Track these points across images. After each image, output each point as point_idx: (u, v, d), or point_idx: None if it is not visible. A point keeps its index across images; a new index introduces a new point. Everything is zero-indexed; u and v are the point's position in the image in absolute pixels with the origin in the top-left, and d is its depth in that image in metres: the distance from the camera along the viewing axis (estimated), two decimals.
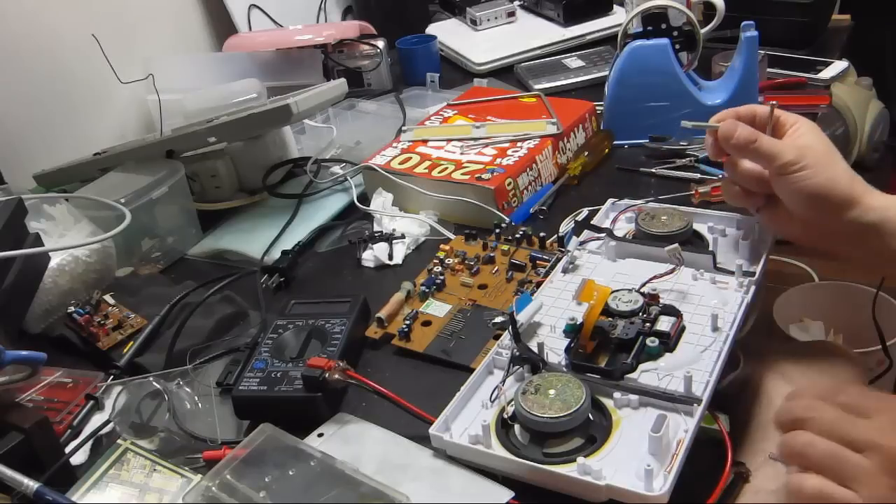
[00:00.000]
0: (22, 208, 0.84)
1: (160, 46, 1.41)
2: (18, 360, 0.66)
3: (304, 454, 0.65)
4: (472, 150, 1.05)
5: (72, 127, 1.26)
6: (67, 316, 0.87)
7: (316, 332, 0.78)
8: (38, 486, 0.63)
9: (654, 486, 0.57)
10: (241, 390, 0.73)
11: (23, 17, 1.19)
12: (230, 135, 1.05)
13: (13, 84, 1.17)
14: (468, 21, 1.57)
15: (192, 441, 0.72)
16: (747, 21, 1.04)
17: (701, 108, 1.07)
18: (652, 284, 0.76)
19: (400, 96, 1.31)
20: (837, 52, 1.33)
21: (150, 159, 1.04)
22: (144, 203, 0.96)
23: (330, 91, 1.10)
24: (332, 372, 0.70)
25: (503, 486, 0.62)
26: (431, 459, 0.66)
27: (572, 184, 1.04)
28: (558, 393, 0.63)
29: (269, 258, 0.98)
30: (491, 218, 0.95)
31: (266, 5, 1.56)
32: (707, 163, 1.02)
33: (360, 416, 0.72)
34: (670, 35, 1.07)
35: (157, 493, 0.66)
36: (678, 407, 0.63)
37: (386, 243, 0.96)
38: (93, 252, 0.91)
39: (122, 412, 0.74)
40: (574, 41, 1.45)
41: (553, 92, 1.27)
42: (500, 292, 0.83)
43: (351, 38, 1.41)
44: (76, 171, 1.10)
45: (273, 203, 1.08)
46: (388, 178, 1.02)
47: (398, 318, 0.82)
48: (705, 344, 0.69)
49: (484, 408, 0.67)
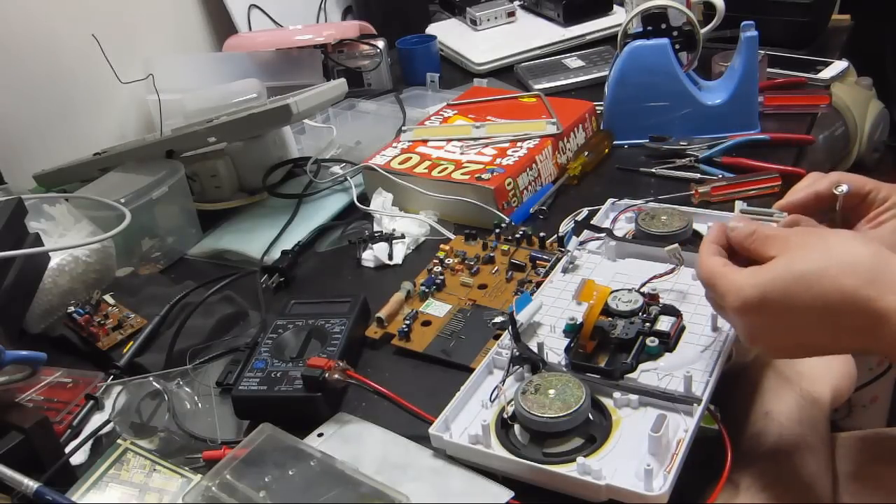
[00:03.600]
0: (22, 208, 0.84)
1: (160, 46, 1.41)
2: (18, 360, 0.66)
3: (304, 454, 0.65)
4: (472, 150, 1.05)
5: (72, 127, 1.26)
6: (67, 316, 0.87)
7: (316, 332, 0.78)
8: (38, 486, 0.63)
9: (653, 485, 0.57)
10: (241, 390, 0.73)
11: (23, 18, 1.19)
12: (230, 135, 1.05)
13: (13, 84, 1.17)
14: (468, 21, 1.57)
15: (192, 441, 0.72)
16: (747, 21, 1.04)
17: (701, 108, 1.07)
18: (652, 284, 0.76)
19: (400, 96, 1.31)
20: (837, 52, 1.33)
21: (150, 159, 1.04)
22: (144, 203, 0.96)
23: (330, 91, 1.10)
24: (332, 372, 0.70)
25: (503, 486, 0.62)
26: (431, 459, 0.66)
27: (572, 184, 1.04)
28: (558, 393, 0.63)
29: (269, 258, 0.98)
30: (491, 218, 0.95)
31: (266, 5, 1.56)
32: (707, 163, 1.03)
33: (360, 416, 0.72)
34: (670, 35, 1.07)
35: (157, 493, 0.66)
36: (678, 407, 0.63)
37: (386, 243, 0.96)
38: (93, 252, 0.91)
39: (122, 412, 0.74)
40: (574, 41, 1.46)
41: (553, 92, 1.27)
42: (499, 292, 0.83)
43: (351, 38, 1.41)
44: (76, 171, 1.10)
45: (273, 203, 1.08)
46: (388, 178, 1.02)
47: (398, 318, 0.82)
48: (705, 344, 0.69)
49: (484, 408, 0.67)
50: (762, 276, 0.55)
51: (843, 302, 0.52)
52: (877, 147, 1.27)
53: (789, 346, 0.57)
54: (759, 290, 0.54)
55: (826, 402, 0.72)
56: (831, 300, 0.52)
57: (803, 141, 1.08)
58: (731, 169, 1.01)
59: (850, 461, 0.71)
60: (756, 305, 0.55)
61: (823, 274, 0.53)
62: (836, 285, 0.52)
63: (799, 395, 0.71)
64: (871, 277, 0.52)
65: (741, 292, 0.55)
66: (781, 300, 0.54)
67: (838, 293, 0.52)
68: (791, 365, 0.74)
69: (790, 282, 0.53)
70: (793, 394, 0.71)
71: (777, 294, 0.54)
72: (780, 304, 0.54)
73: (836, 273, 0.52)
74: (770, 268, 0.55)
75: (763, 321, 0.56)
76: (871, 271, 0.52)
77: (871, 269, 0.52)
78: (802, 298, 0.53)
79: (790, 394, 0.71)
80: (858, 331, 0.53)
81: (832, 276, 0.52)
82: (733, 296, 0.56)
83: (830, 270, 0.52)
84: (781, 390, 0.72)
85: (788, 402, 0.70)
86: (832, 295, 0.52)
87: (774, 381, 0.72)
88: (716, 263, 0.59)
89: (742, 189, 0.95)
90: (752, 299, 0.54)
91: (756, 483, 0.63)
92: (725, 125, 1.07)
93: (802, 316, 0.54)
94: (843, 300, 0.52)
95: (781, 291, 0.54)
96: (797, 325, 0.54)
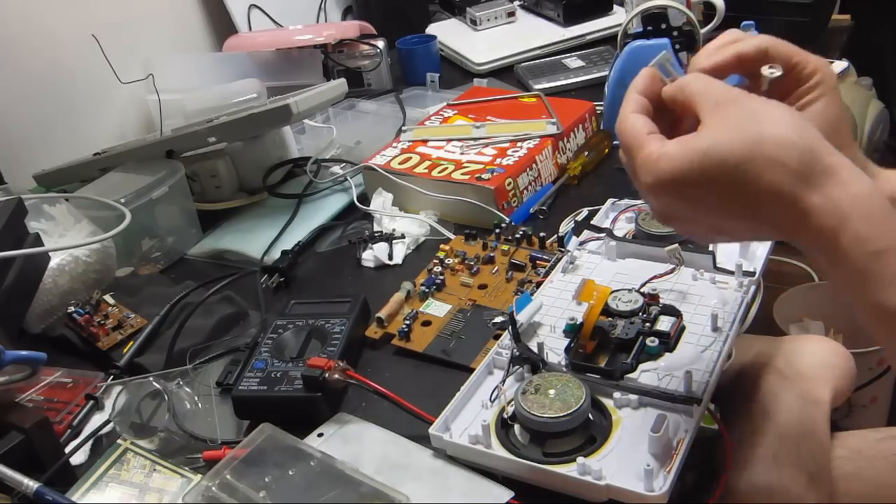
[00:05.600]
0: (22, 208, 0.84)
1: (160, 46, 1.41)
2: (18, 360, 0.66)
3: (304, 454, 0.65)
4: (472, 150, 1.05)
5: (72, 127, 1.26)
6: (67, 316, 0.87)
7: (316, 332, 0.78)
8: (38, 486, 0.63)
9: (653, 486, 0.57)
10: (241, 390, 0.73)
11: (23, 18, 1.19)
12: (230, 135, 1.05)
13: (13, 84, 1.17)
14: (468, 21, 1.57)
15: (192, 441, 0.72)
16: (747, 21, 1.04)
17: None
18: (652, 284, 0.76)
19: (400, 96, 1.31)
20: (837, 52, 1.33)
21: (150, 159, 1.04)
22: (144, 203, 0.96)
23: (330, 91, 1.10)
24: (332, 372, 0.70)
25: (503, 486, 0.62)
26: (431, 459, 0.65)
27: (572, 184, 1.04)
28: (558, 393, 0.63)
29: (269, 258, 0.98)
30: (491, 218, 0.95)
31: (266, 5, 1.56)
32: None
33: (360, 416, 0.72)
34: (670, 35, 1.07)
35: (157, 493, 0.66)
36: (678, 407, 0.63)
37: (386, 243, 0.96)
38: (93, 252, 0.91)
39: (122, 412, 0.74)
40: (574, 41, 1.46)
41: (553, 92, 1.27)
42: (499, 292, 0.83)
43: (351, 38, 1.41)
44: (76, 171, 1.10)
45: (273, 203, 1.08)
46: (388, 178, 1.02)
47: (398, 318, 0.82)
48: (705, 344, 0.69)
49: (484, 408, 0.67)
50: (680, 153, 0.50)
51: (766, 196, 0.48)
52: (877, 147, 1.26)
53: (704, 231, 0.54)
54: (674, 171, 0.50)
55: (826, 402, 0.72)
56: (753, 192, 0.49)
57: None
58: None
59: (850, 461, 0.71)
60: (669, 186, 0.50)
61: (749, 163, 0.48)
62: (762, 178, 0.48)
63: (799, 395, 0.71)
64: (799, 173, 0.48)
65: (656, 169, 0.50)
66: (698, 184, 0.49)
67: (763, 186, 0.48)
68: (791, 365, 0.74)
69: (711, 165, 0.49)
70: (793, 394, 0.71)
71: (694, 177, 0.49)
72: (696, 189, 0.50)
73: (764, 165, 0.48)
74: (690, 144, 0.50)
75: (677, 203, 0.52)
76: (800, 165, 0.48)
77: (800, 163, 0.48)
78: (723, 185, 0.49)
79: (790, 394, 0.71)
80: (779, 225, 0.50)
81: (758, 168, 0.48)
82: (647, 171, 0.51)
83: (757, 161, 0.48)
84: (781, 390, 0.72)
85: (788, 402, 0.70)
86: (755, 186, 0.48)
87: (774, 381, 0.72)
88: (639, 127, 0.53)
89: None
90: (666, 179, 0.50)
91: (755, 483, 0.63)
92: None
93: (721, 203, 0.50)
94: (767, 194, 0.48)
95: (699, 174, 0.49)
96: (714, 211, 0.51)
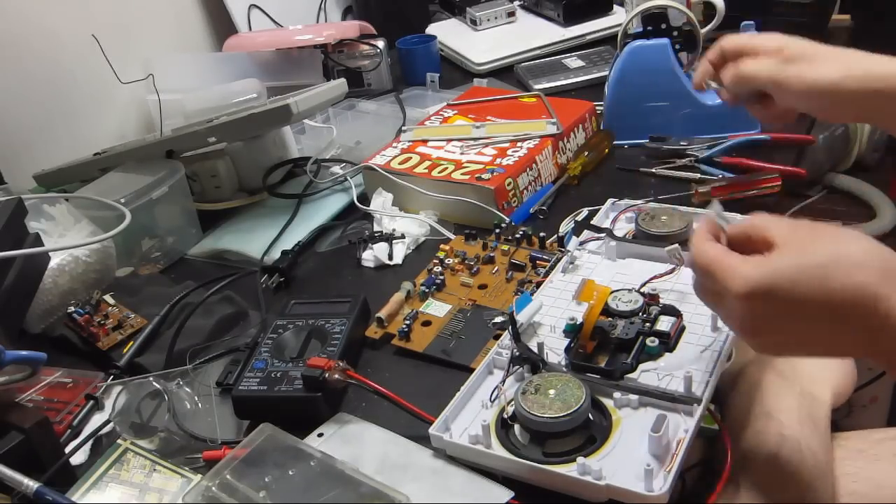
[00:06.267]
0: (22, 208, 0.84)
1: (160, 46, 1.41)
2: (18, 360, 0.66)
3: (304, 454, 0.65)
4: (472, 150, 1.05)
5: (72, 127, 1.26)
6: (67, 316, 0.87)
7: (316, 332, 0.78)
8: (38, 486, 0.63)
9: (653, 486, 0.57)
10: (241, 390, 0.73)
11: (23, 18, 1.19)
12: (230, 135, 1.05)
13: (13, 84, 1.17)
14: (468, 21, 1.57)
15: (192, 441, 0.72)
16: (747, 21, 1.04)
17: (701, 108, 1.07)
18: (652, 284, 0.76)
19: (400, 96, 1.31)
20: None
21: (150, 159, 1.04)
22: (144, 203, 0.96)
23: (330, 91, 1.10)
24: (332, 372, 0.70)
25: (503, 486, 0.62)
26: (431, 459, 0.66)
27: (572, 184, 1.04)
28: (558, 393, 0.63)
29: (269, 258, 0.98)
30: (491, 218, 0.95)
31: (266, 5, 1.56)
32: (707, 163, 1.02)
33: (360, 416, 0.72)
34: (670, 35, 1.07)
35: (157, 493, 0.66)
36: (678, 407, 0.63)
37: (386, 243, 0.96)
38: (93, 252, 0.91)
39: (122, 412, 0.74)
40: (574, 41, 1.46)
41: (553, 92, 1.27)
42: (500, 292, 0.83)
43: (351, 38, 1.41)
44: (76, 171, 1.10)
45: (273, 203, 1.08)
46: (387, 178, 1.02)
47: (398, 318, 0.82)
48: (705, 344, 0.69)
49: (484, 408, 0.67)
50: (771, 263, 0.52)
51: (853, 297, 0.51)
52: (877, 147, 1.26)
53: (789, 342, 0.56)
54: (768, 278, 0.52)
55: (826, 402, 0.72)
56: (840, 294, 0.51)
57: (803, 141, 1.08)
58: (732, 169, 1.01)
59: (850, 461, 0.71)
60: (764, 293, 0.52)
61: (835, 267, 0.51)
62: (847, 279, 0.51)
63: (799, 395, 0.71)
64: (883, 274, 0.51)
65: (749, 278, 0.52)
66: (790, 289, 0.51)
67: (849, 288, 0.51)
68: (791, 365, 0.74)
69: (800, 272, 0.51)
70: (793, 394, 0.71)
71: (786, 283, 0.51)
72: (788, 294, 0.52)
73: (848, 267, 0.51)
74: (779, 256, 0.53)
75: (768, 311, 0.53)
76: (883, 268, 0.51)
77: (883, 265, 0.51)
78: (812, 289, 0.51)
79: (790, 394, 0.71)
80: (861, 330, 0.52)
81: (844, 270, 0.51)
82: (741, 282, 0.53)
83: (842, 264, 0.51)
84: (781, 390, 0.72)
85: (788, 402, 0.70)
86: (842, 289, 0.51)
87: (774, 381, 0.72)
88: (716, 250, 0.56)
89: (742, 189, 0.95)
90: (761, 286, 0.52)
91: (756, 483, 0.63)
92: (725, 125, 1.07)
93: (809, 308, 0.52)
94: (854, 295, 0.51)
95: (791, 281, 0.51)
96: (802, 318, 0.53)
